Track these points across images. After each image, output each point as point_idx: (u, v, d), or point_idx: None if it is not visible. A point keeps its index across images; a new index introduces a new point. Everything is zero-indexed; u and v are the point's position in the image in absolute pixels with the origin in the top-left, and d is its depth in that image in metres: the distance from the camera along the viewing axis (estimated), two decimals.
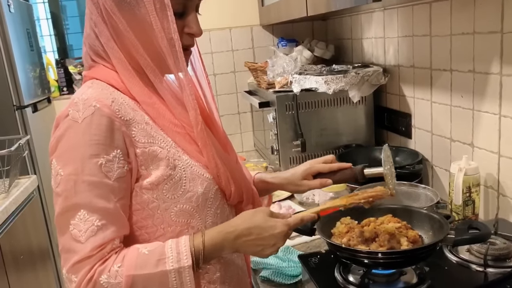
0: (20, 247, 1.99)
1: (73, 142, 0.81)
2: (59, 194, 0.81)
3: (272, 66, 2.12)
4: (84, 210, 0.79)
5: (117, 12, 0.83)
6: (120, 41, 0.85)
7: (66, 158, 0.81)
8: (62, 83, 3.30)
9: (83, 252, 0.78)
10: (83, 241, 0.78)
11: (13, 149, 1.93)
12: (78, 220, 0.79)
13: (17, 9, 2.64)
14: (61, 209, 0.80)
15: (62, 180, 0.80)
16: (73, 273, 0.78)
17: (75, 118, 0.81)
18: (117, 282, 0.77)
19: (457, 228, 0.94)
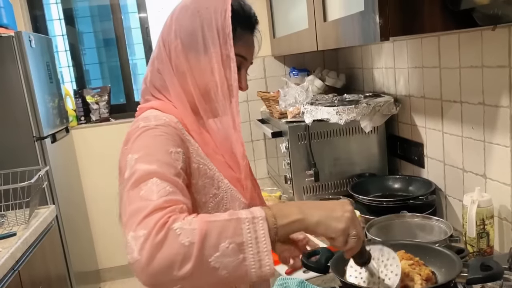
0: (39, 276, 2.02)
1: (146, 138, 0.88)
2: (133, 172, 0.82)
3: (284, 96, 2.16)
4: (156, 177, 0.80)
5: (184, 55, 0.96)
6: (181, 79, 0.98)
7: (140, 148, 0.87)
8: (79, 112, 3.39)
9: (155, 204, 0.75)
10: (155, 198, 0.77)
11: (33, 181, 1.98)
12: (150, 185, 0.79)
13: (37, 43, 2.74)
14: (132, 182, 0.80)
15: (137, 159, 0.84)
16: (142, 228, 0.73)
17: (148, 125, 0.90)
18: (192, 228, 0.73)
19: (470, 266, 0.95)
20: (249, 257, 0.74)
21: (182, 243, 0.71)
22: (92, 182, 3.36)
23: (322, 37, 1.62)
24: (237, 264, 0.74)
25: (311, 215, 0.81)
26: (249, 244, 0.74)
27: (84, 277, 3.07)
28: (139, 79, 4.00)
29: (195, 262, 0.71)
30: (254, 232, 0.75)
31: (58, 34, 3.70)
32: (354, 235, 0.81)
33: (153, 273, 0.71)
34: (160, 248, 0.71)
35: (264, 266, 0.75)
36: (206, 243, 0.72)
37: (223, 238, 0.73)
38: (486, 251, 1.34)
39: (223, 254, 0.73)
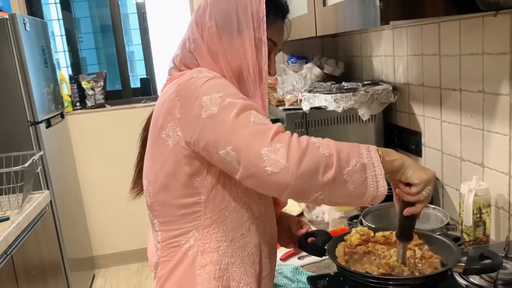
0: (32, 262, 2.01)
1: (216, 83, 0.91)
2: (226, 106, 0.86)
3: (282, 83, 2.14)
4: (255, 111, 0.87)
5: (217, 36, 0.98)
6: (214, 59, 0.99)
7: (216, 88, 0.89)
8: (75, 98, 3.36)
9: (275, 127, 0.84)
10: (269, 123, 0.85)
11: (26, 165, 1.96)
12: (254, 114, 0.86)
13: (32, 27, 2.70)
14: (234, 114, 0.85)
15: (223, 96, 0.87)
16: (277, 142, 0.81)
17: (204, 76, 0.92)
18: (327, 144, 0.83)
19: (468, 256, 0.94)
20: (369, 177, 0.84)
21: (323, 153, 0.81)
22: (88, 169, 3.35)
23: (322, 22, 1.59)
24: (361, 181, 0.83)
25: (406, 159, 0.91)
26: (369, 167, 0.84)
27: (79, 263, 3.06)
28: (136, 66, 3.97)
29: (335, 170, 0.81)
30: (371, 158, 0.84)
31: (54, 18, 3.66)
32: (429, 189, 0.90)
33: (302, 176, 0.80)
34: (305, 154, 0.80)
35: (380, 187, 0.84)
36: (341, 157, 0.82)
37: (352, 156, 0.83)
38: (482, 239, 1.34)
39: (353, 170, 0.82)
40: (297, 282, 1.25)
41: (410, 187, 0.90)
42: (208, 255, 0.97)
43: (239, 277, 0.98)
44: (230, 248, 0.97)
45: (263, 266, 1.04)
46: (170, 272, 1.00)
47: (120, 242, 3.46)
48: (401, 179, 0.90)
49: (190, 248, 0.98)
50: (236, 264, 0.98)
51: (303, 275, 1.26)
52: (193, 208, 0.96)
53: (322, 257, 1.09)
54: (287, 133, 0.83)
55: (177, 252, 0.99)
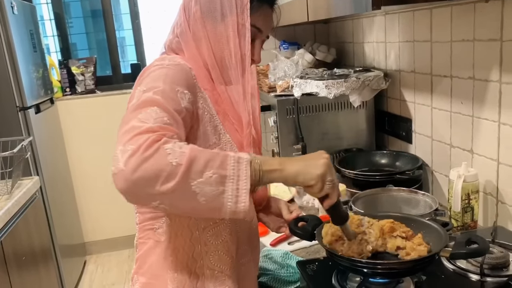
0: (23, 248, 2.00)
1: (156, 74, 0.90)
2: (138, 100, 0.84)
3: (274, 69, 2.13)
4: (157, 107, 0.83)
5: (201, 21, 0.97)
6: (198, 45, 0.99)
7: (149, 82, 0.88)
8: (65, 83, 3.32)
9: (147, 126, 0.78)
10: (150, 122, 0.79)
11: (15, 150, 1.94)
12: (150, 111, 0.81)
13: (20, 10, 2.65)
14: (135, 107, 0.83)
15: (146, 91, 0.86)
16: (131, 143, 0.76)
17: (162, 64, 0.92)
18: (181, 151, 0.76)
19: (456, 241, 0.95)
20: (228, 190, 0.78)
21: (170, 162, 0.75)
22: (78, 155, 3.32)
23: (313, 7, 1.58)
24: (216, 195, 0.77)
25: (290, 166, 0.84)
26: (230, 179, 0.78)
27: (70, 250, 3.06)
28: (128, 51, 3.92)
29: (178, 181, 0.75)
30: (237, 170, 0.79)
31: (42, 2, 3.59)
32: (329, 180, 0.85)
33: (136, 183, 0.74)
34: (147, 161, 0.74)
35: (240, 203, 0.78)
36: (193, 167, 0.76)
37: (209, 167, 0.77)
38: (470, 225, 1.35)
39: (206, 182, 0.76)
40: (287, 267, 1.25)
41: (311, 187, 0.85)
42: (180, 242, 0.98)
43: (213, 264, 0.99)
44: (202, 236, 0.98)
45: (241, 253, 1.04)
46: (146, 255, 1.02)
47: (111, 228, 3.46)
48: (297, 185, 0.86)
49: (163, 233, 0.99)
50: (209, 252, 0.99)
51: (293, 260, 1.27)
52: None
53: (312, 241, 1.09)
54: (144, 136, 0.76)
55: (151, 235, 1.01)
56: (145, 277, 1.01)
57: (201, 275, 0.98)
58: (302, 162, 0.85)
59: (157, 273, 0.99)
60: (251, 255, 1.09)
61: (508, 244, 1.15)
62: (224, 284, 0.99)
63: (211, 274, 0.99)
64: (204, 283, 0.98)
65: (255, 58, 1.02)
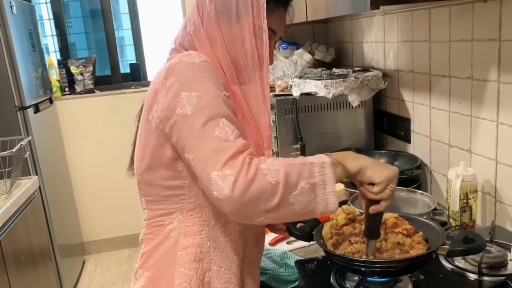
0: (21, 248, 2.00)
1: (197, 74, 0.91)
2: (199, 109, 0.86)
3: (273, 69, 2.13)
4: (225, 119, 0.87)
5: (216, 21, 0.97)
6: (212, 44, 0.98)
7: (197, 84, 0.89)
8: (64, 83, 3.32)
9: (235, 147, 0.84)
10: (232, 139, 0.85)
11: (14, 150, 1.94)
12: (222, 126, 0.86)
13: (19, 10, 2.65)
14: (204, 121, 0.86)
15: (200, 97, 0.87)
16: (229, 168, 0.81)
17: (192, 61, 0.92)
18: (276, 169, 0.83)
19: (453, 239, 0.95)
20: (319, 196, 0.85)
21: (270, 182, 0.82)
22: (77, 154, 3.32)
23: (312, 7, 1.58)
24: (309, 202, 0.85)
25: (365, 160, 0.91)
26: (319, 185, 0.85)
27: (69, 249, 3.06)
28: (127, 51, 3.92)
29: (280, 198, 0.82)
30: (323, 175, 0.86)
31: (42, 1, 3.59)
32: (392, 187, 0.91)
33: (244, 206, 0.82)
34: (251, 184, 0.81)
35: (329, 204, 0.86)
36: (288, 183, 0.83)
37: (301, 179, 0.84)
38: (468, 225, 1.36)
39: (301, 193, 0.84)
40: (286, 266, 1.26)
41: (373, 186, 0.90)
42: (190, 238, 0.98)
43: (220, 262, 0.99)
44: (212, 233, 0.99)
45: (248, 252, 1.05)
46: (153, 250, 1.02)
47: (111, 228, 3.46)
48: (363, 179, 0.91)
49: (173, 229, 0.99)
50: (218, 248, 0.99)
51: (292, 259, 1.27)
52: (177, 191, 0.97)
53: (310, 242, 1.09)
54: (240, 159, 0.82)
55: (160, 231, 1.01)
56: (151, 272, 1.01)
57: (207, 271, 0.99)
58: (374, 161, 0.92)
59: (164, 268, 1.00)
60: (257, 255, 1.10)
61: (506, 244, 1.15)
62: (230, 281, 1.00)
63: (217, 270, 0.99)
64: (210, 279, 0.99)
65: (269, 59, 1.01)
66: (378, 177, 0.89)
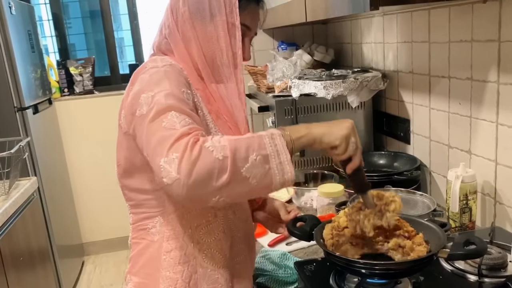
0: (20, 249, 2.00)
1: (157, 77, 0.91)
2: (152, 107, 0.86)
3: (272, 70, 2.13)
4: (175, 111, 0.85)
5: (190, 22, 0.98)
6: (187, 45, 1.00)
7: (154, 85, 0.89)
8: (63, 84, 3.32)
9: (180, 131, 0.81)
10: (178, 127, 0.82)
11: (13, 151, 1.94)
12: (170, 117, 0.84)
13: (18, 10, 2.65)
14: (153, 115, 0.85)
15: (154, 96, 0.87)
16: (173, 151, 0.79)
17: (156, 66, 0.93)
18: (222, 145, 0.80)
19: (454, 242, 0.94)
20: (273, 167, 0.83)
21: (217, 158, 0.79)
22: (76, 155, 3.32)
23: (311, 8, 1.58)
24: (264, 173, 0.82)
25: (316, 128, 0.90)
26: (272, 156, 0.83)
27: (67, 250, 3.05)
28: (126, 51, 3.92)
29: (230, 172, 0.79)
30: (274, 146, 0.84)
31: (41, 2, 3.59)
32: (353, 142, 0.90)
33: (194, 186, 0.78)
34: (196, 163, 0.78)
35: (286, 173, 0.84)
36: (237, 156, 0.80)
37: (251, 151, 0.82)
38: (468, 226, 1.35)
39: (252, 165, 0.81)
40: (285, 267, 1.25)
41: (336, 148, 0.89)
42: (173, 241, 0.98)
43: (206, 263, 0.99)
44: (195, 235, 0.98)
45: (236, 251, 1.04)
46: (139, 255, 1.02)
47: (109, 228, 3.46)
48: (322, 147, 0.90)
49: (156, 233, 1.00)
50: (202, 250, 0.99)
51: (291, 261, 1.27)
52: (155, 194, 0.97)
53: (310, 241, 1.09)
54: (183, 141, 0.80)
55: (145, 235, 1.01)
56: (138, 277, 1.02)
57: (193, 274, 0.98)
58: (327, 125, 0.90)
59: (149, 273, 1.00)
60: (248, 254, 1.09)
61: (506, 245, 1.15)
62: (217, 282, 1.00)
63: (203, 272, 0.99)
64: (197, 281, 0.98)
65: (245, 56, 1.03)
66: (335, 139, 0.88)
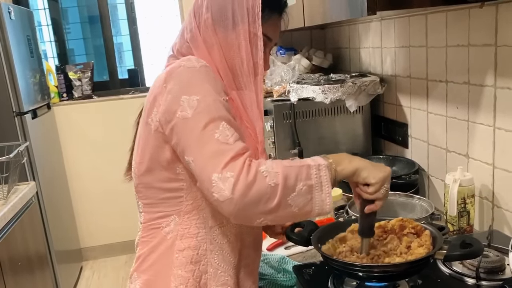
0: (18, 253, 1.99)
1: (198, 78, 0.92)
2: (199, 112, 0.88)
3: (271, 74, 2.14)
4: (225, 122, 0.88)
5: (212, 28, 0.98)
6: (209, 50, 1.00)
7: (197, 88, 0.90)
8: (62, 89, 3.32)
9: (235, 150, 0.86)
10: (231, 142, 0.87)
11: (12, 156, 1.93)
12: (222, 129, 0.87)
13: (17, 16, 2.65)
14: (204, 123, 0.87)
15: (200, 100, 0.89)
16: (229, 170, 0.83)
17: (192, 65, 0.93)
18: (275, 172, 0.85)
19: (451, 243, 0.95)
20: (315, 197, 0.88)
21: (269, 184, 0.84)
22: (75, 160, 3.32)
23: (310, 13, 1.59)
24: (306, 203, 0.88)
25: (359, 161, 0.94)
26: (316, 187, 0.88)
27: (66, 255, 3.04)
28: (125, 56, 3.93)
29: (279, 200, 0.85)
30: (319, 177, 0.88)
31: (40, 7, 3.60)
32: (386, 187, 0.93)
33: (244, 208, 0.84)
34: (251, 187, 0.83)
35: (325, 205, 0.89)
36: (287, 184, 0.85)
37: (299, 180, 0.87)
38: (466, 229, 1.36)
39: (298, 195, 0.87)
40: (283, 271, 1.25)
41: (368, 186, 0.93)
42: (186, 240, 0.98)
43: (217, 264, 0.99)
44: (209, 235, 0.99)
45: (245, 254, 1.05)
46: (149, 253, 1.02)
47: (108, 234, 3.45)
48: (358, 180, 0.93)
49: (170, 231, 1.00)
50: (214, 251, 0.99)
51: (289, 265, 1.27)
52: (175, 193, 0.98)
53: (308, 246, 1.09)
54: (239, 161, 0.84)
55: (157, 234, 1.01)
56: (147, 274, 1.01)
57: (204, 274, 0.99)
58: (368, 163, 0.94)
59: (160, 270, 1.00)
60: (254, 260, 1.10)
61: (504, 248, 1.15)
62: (226, 284, 1.00)
63: (214, 273, 0.99)
64: (207, 281, 0.99)
65: (264, 66, 1.03)
66: (373, 177, 0.92)
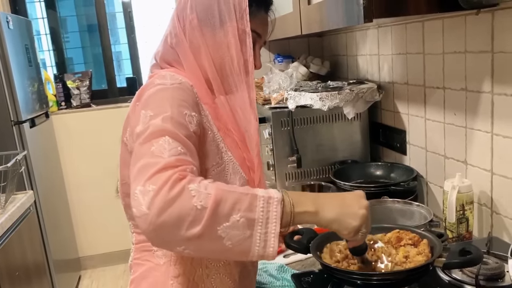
0: (16, 263, 1.98)
1: (162, 96, 0.86)
2: (146, 127, 0.80)
3: (268, 82, 2.14)
4: (168, 136, 0.78)
5: (199, 29, 0.95)
6: (196, 54, 0.96)
7: (155, 106, 0.84)
8: (60, 97, 3.32)
9: (166, 161, 0.73)
10: (166, 156, 0.74)
11: (9, 165, 1.93)
12: (161, 143, 0.76)
13: (16, 25, 2.66)
14: (145, 137, 0.78)
15: (152, 116, 0.81)
16: (151, 183, 0.71)
17: (164, 83, 0.89)
18: (207, 193, 0.71)
19: (450, 251, 0.94)
20: (256, 235, 0.74)
21: (195, 205, 0.70)
22: (73, 169, 3.31)
23: (306, 21, 1.59)
24: (242, 239, 0.73)
25: (326, 210, 0.80)
26: (259, 223, 0.74)
27: (64, 265, 3.02)
28: (123, 65, 3.94)
29: (204, 227, 0.70)
30: (266, 212, 0.74)
31: (39, 17, 3.61)
32: (363, 232, 0.83)
33: (161, 228, 0.70)
34: (171, 204, 0.70)
35: (268, 247, 0.74)
36: (219, 211, 0.71)
37: (236, 210, 0.73)
38: (465, 236, 1.35)
39: (232, 226, 0.72)
40: (282, 280, 1.24)
41: (344, 235, 0.83)
42: (181, 266, 0.94)
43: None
44: (204, 260, 0.95)
45: (244, 274, 1.03)
46: (143, 278, 0.97)
47: (107, 243, 3.43)
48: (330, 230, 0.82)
49: (162, 255, 0.95)
50: (211, 275, 0.96)
51: (288, 273, 1.26)
52: None
53: (307, 254, 1.08)
54: (166, 174, 0.71)
55: (149, 257, 0.97)
56: None
57: None
58: (339, 209, 0.80)
59: None
60: (253, 275, 1.08)
61: (503, 255, 1.14)
62: None
63: None
64: None
65: (256, 63, 1.01)
66: (345, 229, 0.81)
